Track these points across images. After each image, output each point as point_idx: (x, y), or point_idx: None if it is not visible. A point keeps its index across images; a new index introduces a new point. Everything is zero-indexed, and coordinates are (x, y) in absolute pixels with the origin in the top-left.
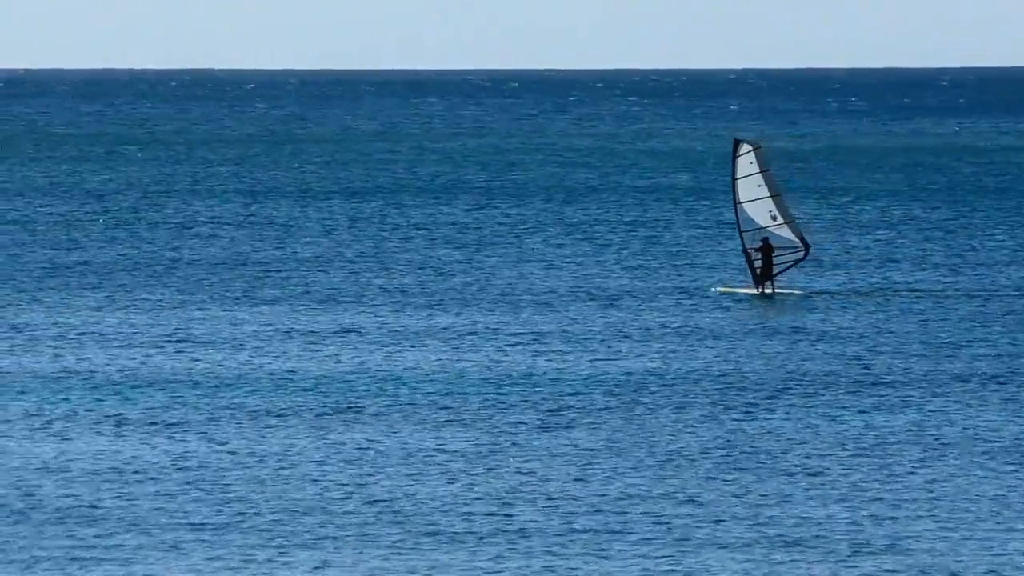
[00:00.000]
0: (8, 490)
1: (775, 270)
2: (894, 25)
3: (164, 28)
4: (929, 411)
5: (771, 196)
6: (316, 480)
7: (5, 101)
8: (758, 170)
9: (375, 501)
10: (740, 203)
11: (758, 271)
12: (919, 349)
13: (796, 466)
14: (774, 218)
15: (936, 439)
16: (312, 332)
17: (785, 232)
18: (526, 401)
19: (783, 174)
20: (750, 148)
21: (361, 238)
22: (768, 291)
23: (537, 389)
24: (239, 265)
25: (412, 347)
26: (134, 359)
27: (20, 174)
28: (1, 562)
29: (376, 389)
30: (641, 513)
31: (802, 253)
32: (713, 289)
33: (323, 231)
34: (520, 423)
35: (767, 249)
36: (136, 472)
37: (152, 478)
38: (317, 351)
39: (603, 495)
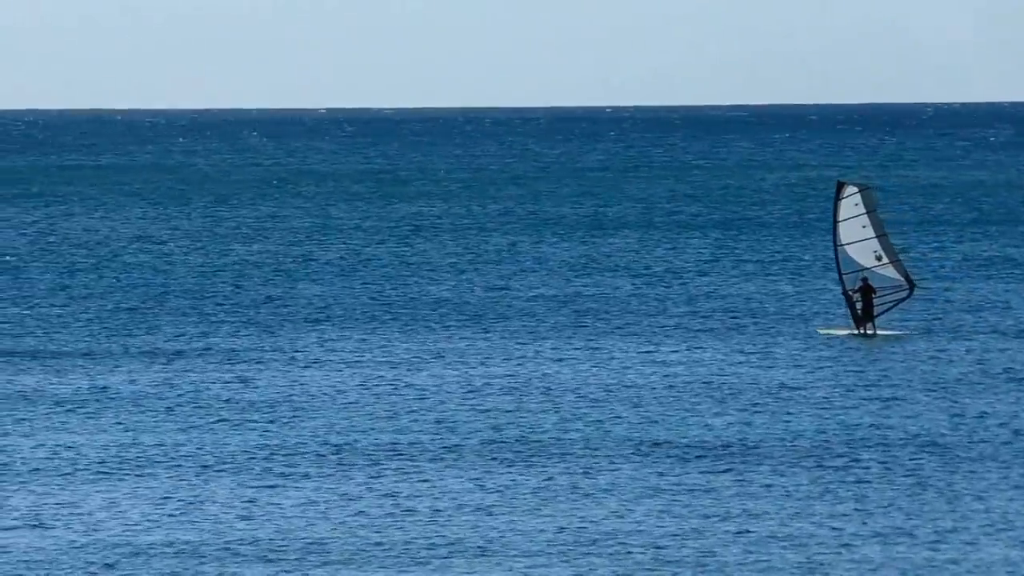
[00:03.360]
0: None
1: (880, 310)
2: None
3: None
4: None
5: (876, 236)
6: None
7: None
8: (863, 211)
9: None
10: (841, 245)
11: (859, 312)
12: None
13: (918, 527)
14: (879, 258)
15: None
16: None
17: (890, 271)
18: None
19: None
20: (856, 190)
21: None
22: (870, 332)
23: (631, 431)
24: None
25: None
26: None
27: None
28: None
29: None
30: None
31: (907, 292)
32: (818, 331)
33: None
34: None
35: (868, 290)
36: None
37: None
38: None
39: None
